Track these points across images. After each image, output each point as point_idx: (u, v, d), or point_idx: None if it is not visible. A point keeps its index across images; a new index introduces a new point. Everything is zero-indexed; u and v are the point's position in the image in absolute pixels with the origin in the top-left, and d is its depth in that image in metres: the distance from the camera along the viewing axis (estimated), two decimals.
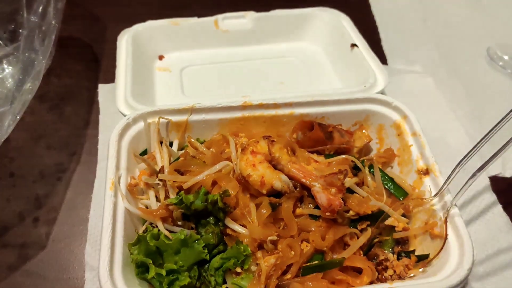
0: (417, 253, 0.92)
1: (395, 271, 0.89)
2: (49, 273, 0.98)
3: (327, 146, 1.04)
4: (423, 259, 0.90)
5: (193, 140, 1.05)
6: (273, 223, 0.90)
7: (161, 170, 0.95)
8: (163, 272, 0.84)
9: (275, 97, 1.08)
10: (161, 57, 1.43)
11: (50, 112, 1.30)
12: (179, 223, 0.92)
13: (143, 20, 1.40)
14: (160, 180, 0.94)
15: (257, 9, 1.47)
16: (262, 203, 0.90)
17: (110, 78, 1.33)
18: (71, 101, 1.33)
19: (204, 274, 0.88)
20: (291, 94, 1.13)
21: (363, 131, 1.10)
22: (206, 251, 0.87)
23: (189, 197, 0.88)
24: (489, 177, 1.15)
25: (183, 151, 1.04)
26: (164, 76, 1.38)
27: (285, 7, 1.48)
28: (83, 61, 1.45)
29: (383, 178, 1.00)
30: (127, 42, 1.32)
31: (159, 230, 0.90)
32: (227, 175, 0.95)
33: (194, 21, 1.44)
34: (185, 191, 0.92)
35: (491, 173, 1.16)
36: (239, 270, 0.86)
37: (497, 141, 0.83)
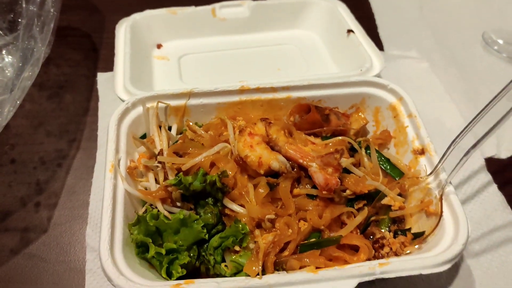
0: (413, 231, 0.93)
1: (391, 249, 0.90)
2: (51, 255, 1.00)
3: (324, 128, 1.05)
4: (419, 237, 0.91)
5: (191, 124, 1.06)
6: (271, 202, 0.92)
7: (160, 152, 0.96)
8: (163, 251, 0.85)
9: (272, 81, 1.09)
10: (159, 46, 1.44)
11: (49, 100, 1.31)
12: (178, 204, 0.93)
13: (141, 9, 1.41)
14: (159, 162, 0.95)
15: None
16: (259, 183, 0.91)
17: (108, 67, 1.34)
18: (70, 89, 1.34)
19: (203, 253, 0.90)
20: (288, 78, 1.14)
21: (359, 114, 1.11)
22: (205, 230, 0.88)
23: (188, 178, 0.89)
24: (485, 159, 1.17)
25: (181, 135, 1.05)
26: (162, 64, 1.40)
27: None
28: (82, 51, 1.46)
29: (379, 158, 1.01)
30: (125, 31, 1.33)
31: (158, 210, 0.91)
32: (225, 156, 0.96)
33: (191, 10, 1.44)
34: (183, 172, 0.93)
35: (486, 155, 1.18)
36: (237, 248, 0.87)
37: (491, 121, 0.84)
